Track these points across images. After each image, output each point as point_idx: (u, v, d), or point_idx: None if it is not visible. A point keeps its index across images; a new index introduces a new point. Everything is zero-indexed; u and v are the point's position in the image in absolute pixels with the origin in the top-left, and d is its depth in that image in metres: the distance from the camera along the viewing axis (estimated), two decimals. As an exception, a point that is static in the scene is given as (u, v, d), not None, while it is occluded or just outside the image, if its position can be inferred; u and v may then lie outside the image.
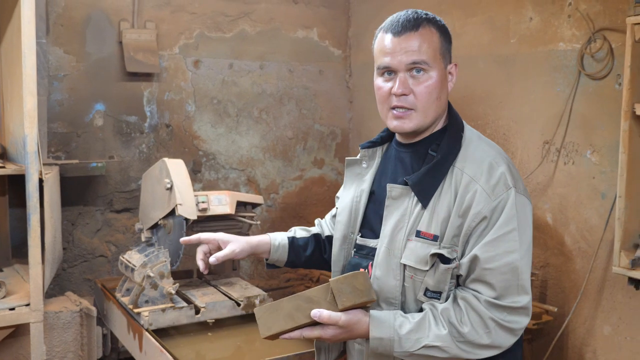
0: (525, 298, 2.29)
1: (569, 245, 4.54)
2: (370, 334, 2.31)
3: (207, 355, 4.05)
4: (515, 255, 2.27)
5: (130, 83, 5.60)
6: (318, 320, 2.28)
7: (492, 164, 2.36)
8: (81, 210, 5.48)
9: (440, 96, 2.44)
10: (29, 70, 3.88)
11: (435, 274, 2.33)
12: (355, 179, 2.71)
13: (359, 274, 2.31)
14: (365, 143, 2.73)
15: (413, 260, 2.35)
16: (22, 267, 4.62)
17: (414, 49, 2.39)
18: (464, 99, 5.22)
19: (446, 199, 2.35)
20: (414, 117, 2.42)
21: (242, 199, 4.75)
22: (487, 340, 2.27)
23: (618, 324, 4.28)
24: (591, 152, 4.36)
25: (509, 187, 2.31)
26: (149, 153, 5.71)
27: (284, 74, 6.33)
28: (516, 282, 2.27)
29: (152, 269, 4.18)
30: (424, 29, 2.44)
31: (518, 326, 2.30)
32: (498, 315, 2.26)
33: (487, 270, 2.26)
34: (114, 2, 5.48)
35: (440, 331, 2.27)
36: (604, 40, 4.22)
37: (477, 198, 2.29)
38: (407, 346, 2.29)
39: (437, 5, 5.45)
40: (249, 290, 4.55)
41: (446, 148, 2.42)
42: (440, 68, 2.44)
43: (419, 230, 2.36)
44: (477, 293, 2.29)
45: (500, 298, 2.26)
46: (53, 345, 4.35)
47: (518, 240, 2.28)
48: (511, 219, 2.28)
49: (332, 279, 2.33)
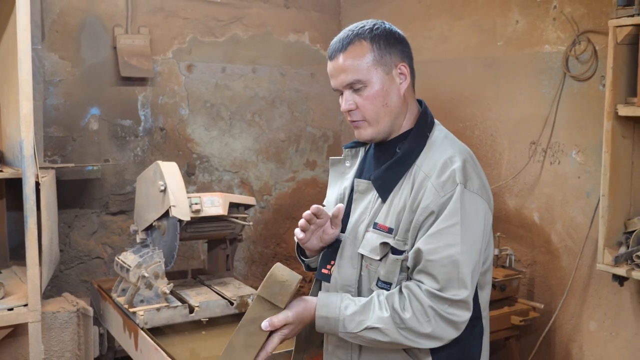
0: (464, 292, 2.29)
1: (555, 243, 4.58)
2: (317, 313, 2.37)
3: (201, 353, 4.07)
4: (456, 248, 2.29)
5: (125, 87, 5.62)
6: (272, 329, 2.34)
7: (446, 162, 2.38)
8: (77, 212, 5.50)
9: (387, 102, 2.47)
10: (25, 75, 3.90)
11: (386, 264, 2.39)
12: (340, 177, 2.77)
13: (274, 270, 2.35)
14: (349, 143, 2.80)
15: (368, 250, 2.42)
16: (20, 269, 4.64)
17: (345, 69, 2.45)
18: (452, 101, 5.25)
19: (404, 194, 2.40)
20: (367, 127, 2.49)
21: (234, 200, 4.77)
22: (428, 329, 2.28)
23: (603, 320, 4.31)
24: (576, 152, 4.40)
25: (456, 184, 2.33)
26: (143, 156, 5.73)
27: (276, 77, 6.36)
28: (457, 276, 2.29)
29: (147, 269, 4.20)
30: (352, 46, 2.46)
31: (459, 319, 2.30)
32: (439, 306, 2.27)
33: (429, 262, 2.28)
34: (108, 8, 5.50)
35: (383, 314, 2.30)
36: (588, 43, 4.26)
37: (427, 193, 2.33)
38: (351, 327, 2.33)
39: (426, 9, 5.49)
40: (242, 290, 4.57)
41: (408, 147, 2.47)
42: (380, 76, 2.45)
43: (376, 222, 2.43)
44: (420, 283, 2.32)
45: (442, 290, 2.27)
46: (51, 345, 4.37)
47: (460, 234, 2.30)
48: (454, 214, 2.30)
49: (257, 290, 2.36)
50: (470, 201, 2.35)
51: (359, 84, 2.44)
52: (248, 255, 6.31)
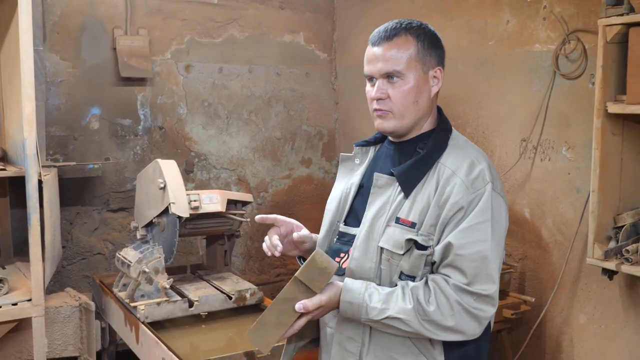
0: (493, 287, 2.34)
1: (545, 238, 4.58)
2: (342, 298, 2.41)
3: (201, 346, 4.06)
4: (487, 244, 2.33)
5: (124, 88, 5.61)
6: (305, 311, 2.37)
7: (473, 161, 2.43)
8: (79, 210, 5.49)
9: (417, 100, 2.50)
10: (27, 76, 3.89)
11: (410, 259, 2.39)
12: (348, 173, 2.78)
13: (315, 256, 2.37)
14: (360, 142, 2.80)
15: (390, 244, 2.42)
16: (23, 265, 4.64)
17: (388, 58, 2.46)
18: (444, 99, 5.24)
19: (427, 190, 2.42)
20: (391, 119, 2.50)
21: (232, 197, 4.76)
22: (451, 322, 2.32)
23: (593, 313, 4.32)
24: (566, 149, 4.40)
25: (486, 182, 2.38)
26: (143, 154, 5.73)
27: (271, 77, 6.35)
28: (485, 271, 2.33)
29: (147, 264, 4.19)
30: (399, 38, 2.48)
31: (484, 314, 2.35)
32: (465, 300, 2.31)
33: (459, 257, 2.32)
34: (108, 10, 5.49)
35: (406, 305, 2.33)
36: (578, 42, 4.26)
37: (457, 189, 2.36)
38: (373, 314, 2.36)
39: (419, 9, 5.49)
40: (240, 285, 4.57)
41: (432, 145, 2.50)
42: (418, 73, 2.48)
43: (399, 217, 2.43)
44: (447, 277, 2.35)
45: (470, 284, 2.31)
46: (54, 339, 4.36)
47: (490, 231, 2.34)
48: (485, 211, 2.34)
49: (296, 273, 2.38)
50: (497, 201, 2.40)
51: (396, 74, 2.46)
52: (245, 251, 6.30)
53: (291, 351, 2.79)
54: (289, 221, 2.77)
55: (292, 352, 2.79)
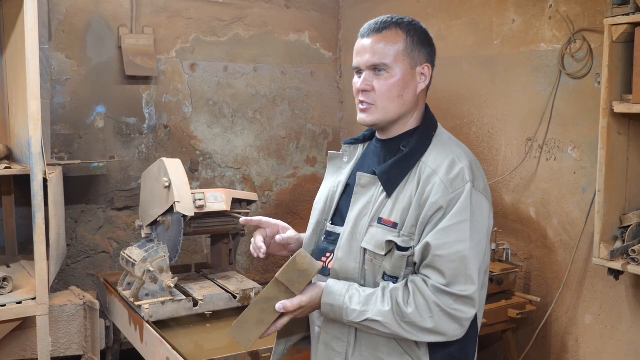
0: (472, 288, 2.29)
1: (551, 238, 4.55)
2: (322, 300, 2.40)
3: (205, 345, 4.04)
4: (465, 244, 2.28)
5: (130, 86, 5.60)
6: (285, 311, 2.37)
7: (454, 160, 2.39)
8: (84, 208, 5.47)
9: (402, 94, 2.46)
10: (33, 75, 3.87)
11: (392, 260, 2.37)
12: (336, 171, 2.75)
13: (296, 257, 2.36)
14: (348, 140, 2.78)
15: (372, 245, 2.39)
16: (28, 263, 4.63)
17: (375, 51, 2.45)
18: (450, 98, 5.22)
19: (409, 190, 2.39)
20: (374, 112, 2.47)
21: (237, 196, 4.74)
22: (430, 324, 2.28)
23: (599, 313, 4.29)
24: (572, 149, 4.37)
25: (466, 182, 2.33)
26: (148, 153, 5.71)
27: (277, 76, 6.33)
28: (464, 271, 2.28)
29: (152, 263, 4.17)
30: (389, 32, 2.48)
31: (464, 316, 2.30)
32: (444, 301, 2.27)
33: (437, 257, 2.28)
34: (113, 9, 5.47)
35: (384, 307, 2.30)
36: (584, 41, 4.23)
37: (436, 189, 2.32)
38: (353, 317, 2.34)
39: (424, 8, 5.46)
40: (245, 284, 4.54)
41: (415, 144, 2.46)
42: (405, 68, 2.46)
43: (381, 217, 2.40)
44: (426, 278, 2.31)
45: (448, 285, 2.27)
46: (58, 337, 4.34)
47: (469, 231, 2.30)
48: (464, 210, 2.30)
49: (277, 273, 2.37)
50: (477, 200, 2.35)
51: (383, 67, 2.44)
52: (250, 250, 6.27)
53: (281, 351, 2.78)
54: (274, 223, 2.75)
55: (282, 352, 2.78)
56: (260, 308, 2.39)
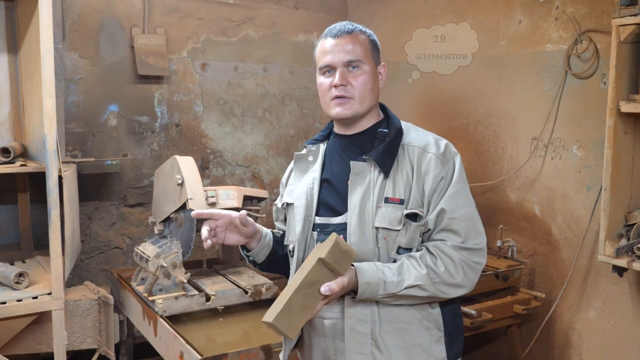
0: (483, 240, 2.61)
1: (555, 235, 4.56)
2: (359, 280, 2.47)
3: (217, 339, 4.05)
4: (471, 205, 2.63)
5: (142, 85, 5.61)
6: (331, 293, 2.41)
7: (436, 138, 2.69)
8: (97, 205, 5.48)
9: (373, 88, 2.70)
10: (48, 73, 3.89)
11: (408, 232, 2.56)
12: (304, 171, 2.87)
13: (337, 239, 2.42)
14: (310, 140, 2.96)
15: (387, 223, 2.56)
16: (43, 259, 4.64)
17: (348, 49, 2.65)
18: (456, 98, 5.23)
19: (405, 169, 2.60)
20: (353, 104, 2.66)
21: (248, 193, 4.76)
22: (459, 278, 2.54)
23: (602, 309, 4.29)
24: (577, 148, 4.37)
25: (454, 154, 2.65)
26: (160, 151, 5.72)
27: (286, 75, 6.34)
28: (474, 228, 2.59)
29: (165, 259, 4.19)
30: (356, 34, 2.70)
31: (479, 266, 2.59)
32: (465, 256, 2.54)
33: (452, 219, 2.55)
34: (126, 9, 5.48)
35: (421, 271, 2.50)
36: (590, 42, 4.23)
37: (433, 163, 2.58)
38: (391, 288, 2.49)
39: (431, 9, 5.46)
40: (256, 279, 4.56)
41: (394, 130, 2.68)
42: (372, 65, 2.70)
43: (387, 197, 2.58)
44: (443, 240, 2.56)
45: (464, 242, 2.55)
46: (73, 331, 4.36)
47: (469, 194, 2.64)
48: (460, 178, 2.61)
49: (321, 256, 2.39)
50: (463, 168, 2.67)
51: (357, 64, 2.65)
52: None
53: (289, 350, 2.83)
54: (225, 213, 2.74)
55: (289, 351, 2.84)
56: (304, 293, 2.39)
